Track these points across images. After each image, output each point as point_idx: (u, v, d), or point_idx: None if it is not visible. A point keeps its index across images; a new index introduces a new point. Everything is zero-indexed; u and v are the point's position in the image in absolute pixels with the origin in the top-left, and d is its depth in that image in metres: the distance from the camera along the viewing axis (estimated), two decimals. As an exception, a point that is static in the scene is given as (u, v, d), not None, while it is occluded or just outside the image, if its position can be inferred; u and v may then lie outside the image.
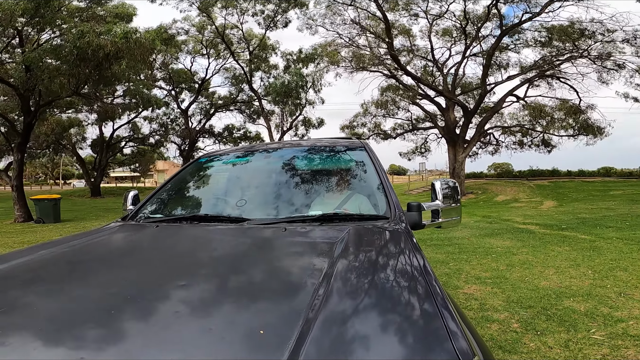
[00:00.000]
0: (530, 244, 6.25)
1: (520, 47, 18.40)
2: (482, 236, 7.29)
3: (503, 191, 18.11)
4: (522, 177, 23.73)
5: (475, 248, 6.11)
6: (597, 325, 2.90)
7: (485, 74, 16.79)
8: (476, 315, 3.18)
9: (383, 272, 1.01)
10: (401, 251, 1.18)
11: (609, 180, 21.82)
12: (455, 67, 19.44)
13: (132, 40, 9.33)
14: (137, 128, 28.12)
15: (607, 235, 6.73)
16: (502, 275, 4.38)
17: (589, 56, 16.57)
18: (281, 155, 2.23)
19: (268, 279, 1.00)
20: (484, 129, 18.42)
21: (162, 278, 1.01)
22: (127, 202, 2.15)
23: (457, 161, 17.58)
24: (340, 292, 0.83)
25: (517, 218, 10.16)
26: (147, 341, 0.69)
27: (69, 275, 1.08)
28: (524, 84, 17.98)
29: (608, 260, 4.86)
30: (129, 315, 0.79)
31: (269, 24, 19.75)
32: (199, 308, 0.81)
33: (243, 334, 0.69)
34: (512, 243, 6.46)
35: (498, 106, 17.77)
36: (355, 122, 21.89)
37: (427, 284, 0.88)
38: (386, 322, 0.72)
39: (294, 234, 1.38)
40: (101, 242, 1.49)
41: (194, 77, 24.57)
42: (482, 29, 17.75)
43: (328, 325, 0.69)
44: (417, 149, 23.28)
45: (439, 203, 1.81)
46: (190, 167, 2.35)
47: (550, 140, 20.99)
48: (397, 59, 16.38)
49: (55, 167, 55.88)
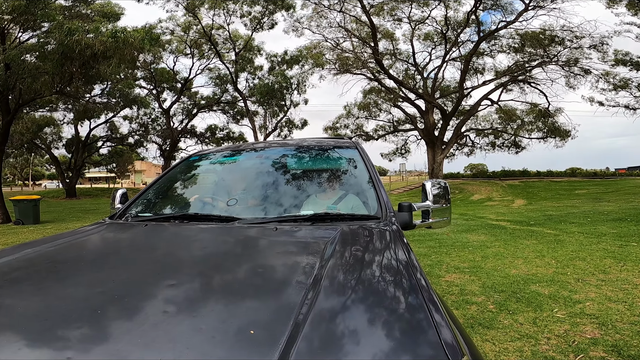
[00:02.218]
0: (502, 238, 6.84)
1: (495, 53, 19.46)
2: (459, 232, 7.85)
3: (478, 191, 19.10)
4: (496, 178, 25.03)
5: (453, 242, 6.63)
6: (559, 306, 3.37)
7: (462, 79, 17.66)
8: (457, 299, 3.62)
9: (373, 272, 1.01)
10: (392, 251, 1.18)
11: (574, 180, 23.36)
12: (435, 71, 20.32)
13: (121, 39, 9.30)
14: (115, 127, 27.45)
15: (570, 230, 7.44)
16: (478, 265, 4.87)
17: (558, 62, 17.70)
18: (272, 154, 2.20)
19: (258, 278, 0.99)
20: (460, 131, 19.32)
21: (151, 277, 1.00)
22: (115, 201, 2.10)
23: (436, 162, 18.38)
24: (330, 292, 0.84)
25: (491, 215, 10.90)
26: (135, 341, 0.67)
27: (55, 275, 1.04)
28: (498, 88, 19.01)
29: (569, 251, 5.48)
30: (117, 314, 0.77)
31: (255, 26, 19.85)
32: (188, 308, 0.79)
33: (234, 334, 0.69)
34: (486, 238, 7.03)
35: (474, 109, 18.70)
36: (339, 123, 22.42)
37: (418, 284, 0.88)
38: (377, 322, 0.73)
39: (284, 233, 1.37)
40: (88, 241, 1.45)
41: (176, 76, 24.28)
42: (462, 34, 18.68)
43: (319, 324, 0.70)
44: (397, 150, 24.08)
45: (429, 203, 1.81)
46: (180, 165, 2.29)
47: (520, 142, 22.21)
48: (381, 63, 17.01)
49: (24, 168, 53.26)
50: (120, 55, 9.48)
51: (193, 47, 22.10)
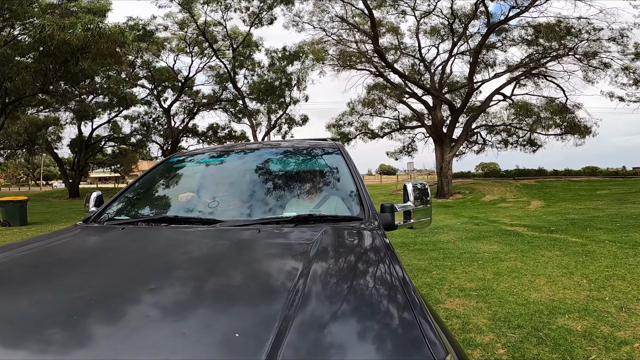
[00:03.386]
0: (519, 248, 5.85)
1: (507, 46, 18.26)
2: (468, 239, 6.88)
3: (490, 191, 17.89)
4: (509, 177, 23.62)
5: (460, 253, 5.68)
6: (597, 349, 2.47)
7: (472, 71, 16.52)
8: (457, 338, 2.71)
9: (357, 273, 1.01)
10: (375, 251, 1.19)
11: (594, 179, 21.85)
12: (442, 65, 19.20)
13: (95, 32, 8.66)
14: (117, 127, 27.23)
15: (598, 237, 6.37)
16: (488, 286, 3.92)
17: (575, 55, 16.47)
18: (255, 156, 2.17)
19: (242, 281, 0.98)
20: (471, 127, 18.18)
21: (129, 282, 0.96)
22: (90, 203, 2.01)
23: (445, 160, 17.28)
24: (315, 293, 0.83)
25: (505, 219, 9.82)
26: (115, 345, 0.64)
27: (25, 280, 1.01)
28: (510, 82, 17.80)
29: (603, 267, 4.47)
30: (95, 319, 0.74)
31: (253, 21, 19.18)
32: (171, 312, 0.77)
33: (218, 338, 0.68)
34: (500, 247, 6.05)
35: (485, 104, 17.54)
36: (342, 120, 21.43)
37: (401, 284, 0.89)
38: (361, 322, 0.72)
39: (268, 235, 1.35)
40: (60, 245, 1.40)
41: (177, 75, 23.80)
42: (470, 26, 17.54)
43: (304, 327, 0.69)
44: (404, 149, 22.94)
45: (410, 204, 1.81)
46: (160, 167, 2.25)
47: (536, 140, 20.93)
48: (382, 55, 15.94)
49: (36, 168, 54.18)
50: (96, 49, 8.85)
51: (192, 45, 21.55)
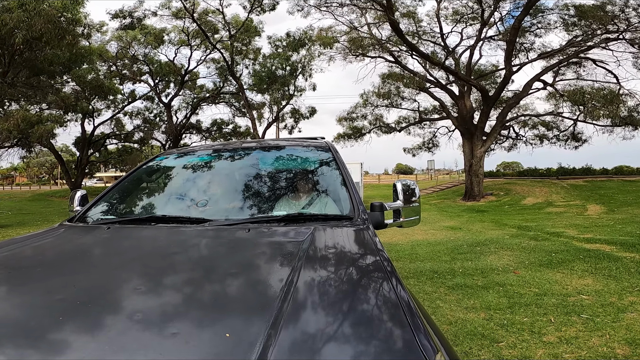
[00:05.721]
0: (631, 283, 3.51)
1: (543, 31, 15.58)
2: (535, 265, 4.55)
3: (531, 192, 15.18)
4: (550, 176, 20.64)
5: (536, 295, 3.40)
6: None
7: (510, 51, 13.90)
8: None
9: (347, 272, 1.00)
10: (364, 250, 1.19)
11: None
12: (470, 49, 16.64)
13: (32, 11, 6.91)
14: (120, 124, 26.00)
15: None
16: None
17: (625, 39, 13.77)
18: (245, 154, 2.16)
19: (232, 281, 0.96)
20: (505, 118, 15.55)
21: (115, 282, 0.94)
22: (74, 203, 1.96)
23: (475, 156, 14.73)
24: (305, 292, 0.82)
25: (569, 230, 7.34)
26: (103, 346, 0.64)
27: (7, 281, 0.97)
28: (553, 67, 15.10)
29: None
30: (81, 321, 0.73)
31: (253, 3, 17.24)
32: (159, 312, 0.76)
33: (209, 338, 0.68)
34: (598, 282, 3.73)
35: (524, 92, 14.88)
36: (355, 113, 19.14)
37: (391, 283, 0.89)
38: (351, 322, 0.72)
39: (257, 234, 1.32)
40: (42, 245, 1.37)
41: (181, 70, 22.19)
42: (500, 8, 14.96)
43: (295, 326, 0.69)
44: (424, 144, 20.39)
45: (400, 203, 1.81)
46: (147, 165, 2.16)
47: (580, 135, 18.06)
48: (398, 29, 13.47)
49: (55, 167, 54.53)
50: (28, 27, 7.13)
51: (192, 37, 19.85)
